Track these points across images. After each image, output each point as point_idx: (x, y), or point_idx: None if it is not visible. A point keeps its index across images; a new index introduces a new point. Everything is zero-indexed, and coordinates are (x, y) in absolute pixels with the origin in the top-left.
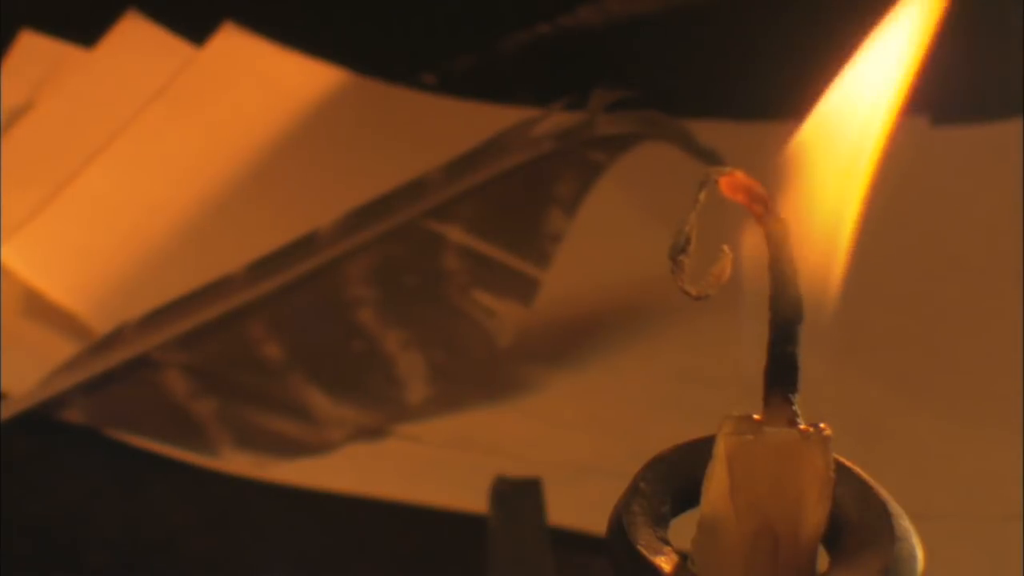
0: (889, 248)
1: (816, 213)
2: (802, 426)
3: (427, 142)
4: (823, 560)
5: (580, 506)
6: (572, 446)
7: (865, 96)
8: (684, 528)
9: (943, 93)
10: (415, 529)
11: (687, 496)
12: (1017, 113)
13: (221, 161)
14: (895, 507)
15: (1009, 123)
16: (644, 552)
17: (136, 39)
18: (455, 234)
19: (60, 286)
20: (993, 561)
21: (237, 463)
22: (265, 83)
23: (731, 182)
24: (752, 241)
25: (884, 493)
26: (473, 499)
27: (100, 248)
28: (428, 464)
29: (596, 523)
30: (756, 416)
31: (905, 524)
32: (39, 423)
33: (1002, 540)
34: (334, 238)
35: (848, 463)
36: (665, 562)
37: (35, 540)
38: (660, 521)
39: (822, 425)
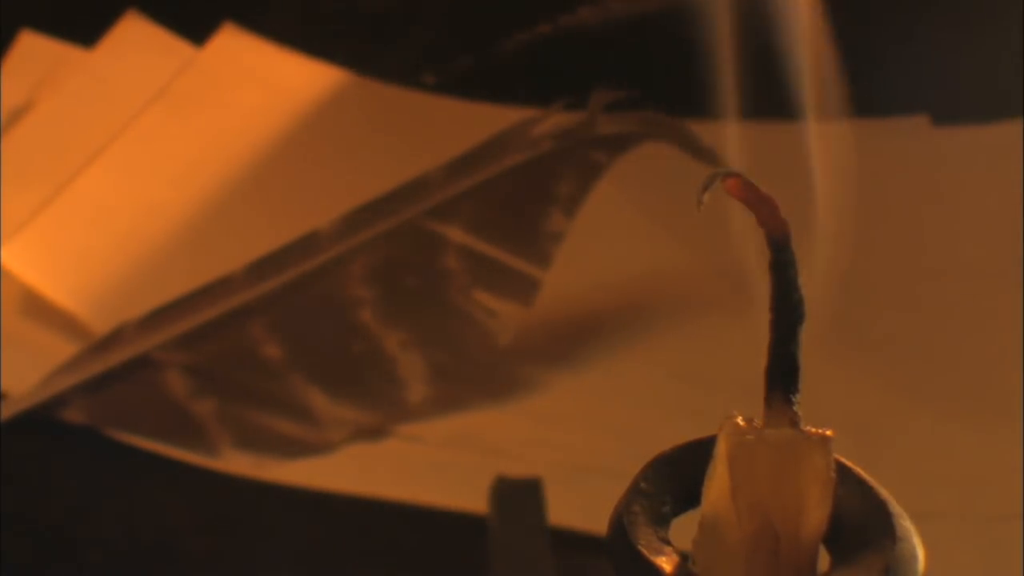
0: (889, 248)
1: None
2: (803, 427)
3: (427, 142)
4: (824, 560)
5: (580, 506)
6: (572, 446)
7: None
8: (685, 528)
9: (943, 93)
10: (415, 529)
11: (688, 496)
12: (1017, 113)
13: (221, 161)
14: (895, 507)
15: (1009, 123)
16: (644, 552)
17: (136, 39)
18: (455, 234)
19: (60, 286)
20: (993, 561)
21: (237, 463)
22: (265, 83)
23: (733, 184)
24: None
25: (884, 493)
26: (473, 499)
27: (100, 248)
28: (428, 464)
29: (596, 523)
30: (757, 417)
31: (906, 524)
32: (39, 423)
33: (1002, 540)
34: (334, 238)
35: (848, 463)
36: (665, 562)
37: (35, 540)
38: (660, 521)
39: (823, 426)
